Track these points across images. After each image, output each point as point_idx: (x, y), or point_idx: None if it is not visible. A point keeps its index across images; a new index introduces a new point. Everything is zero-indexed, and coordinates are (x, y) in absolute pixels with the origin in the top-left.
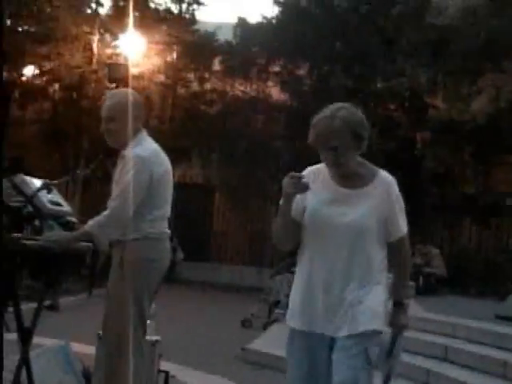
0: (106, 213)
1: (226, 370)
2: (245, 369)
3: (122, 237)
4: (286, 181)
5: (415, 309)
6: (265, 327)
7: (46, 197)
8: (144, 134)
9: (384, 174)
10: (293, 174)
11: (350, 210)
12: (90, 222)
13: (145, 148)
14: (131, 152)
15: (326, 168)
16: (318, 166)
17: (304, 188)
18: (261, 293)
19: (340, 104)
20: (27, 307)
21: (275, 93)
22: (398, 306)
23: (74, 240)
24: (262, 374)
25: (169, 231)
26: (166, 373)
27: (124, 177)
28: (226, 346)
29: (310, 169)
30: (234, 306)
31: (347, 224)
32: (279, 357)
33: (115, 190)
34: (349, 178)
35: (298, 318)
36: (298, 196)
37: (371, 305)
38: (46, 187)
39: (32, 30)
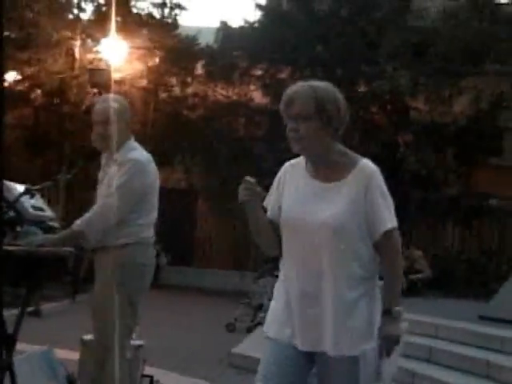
0: (94, 209)
1: (210, 374)
2: (229, 373)
3: (113, 242)
4: (240, 187)
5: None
6: (249, 331)
7: (28, 202)
8: (133, 140)
9: (365, 163)
10: (245, 179)
11: (326, 206)
12: (78, 221)
13: (140, 154)
14: (128, 156)
15: (304, 161)
16: (298, 158)
17: (257, 194)
18: (244, 297)
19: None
20: (10, 313)
21: (257, 96)
22: (387, 314)
23: (60, 241)
24: (247, 378)
25: (153, 237)
26: (151, 377)
27: (119, 179)
28: (211, 350)
29: (288, 163)
30: (217, 311)
31: (322, 222)
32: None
33: (106, 190)
34: (326, 170)
35: (274, 326)
36: (274, 195)
37: (356, 324)
38: (29, 192)
39: (13, 35)
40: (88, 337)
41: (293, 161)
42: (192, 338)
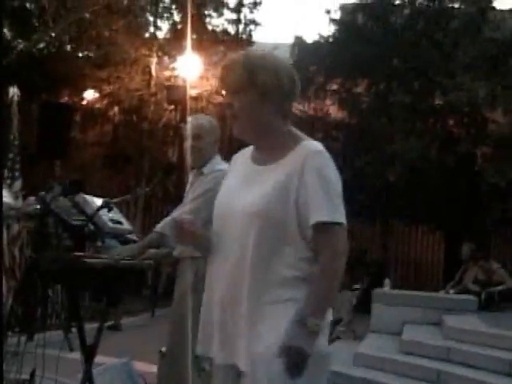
0: (175, 214)
1: None
2: None
3: (190, 252)
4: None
5: (477, 324)
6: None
7: (106, 215)
8: (218, 154)
9: (309, 144)
10: (176, 219)
11: (254, 191)
12: (160, 224)
13: (219, 166)
14: (215, 167)
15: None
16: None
17: (188, 237)
18: None
19: None
20: (91, 327)
21: (333, 111)
22: (300, 325)
23: (141, 247)
24: None
25: None
26: None
27: (203, 186)
28: None
29: (239, 152)
30: None
31: (242, 210)
32: (341, 373)
33: (191, 203)
34: (266, 151)
35: (200, 338)
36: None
37: (270, 340)
38: (107, 206)
39: (91, 54)
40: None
41: (245, 149)
42: None
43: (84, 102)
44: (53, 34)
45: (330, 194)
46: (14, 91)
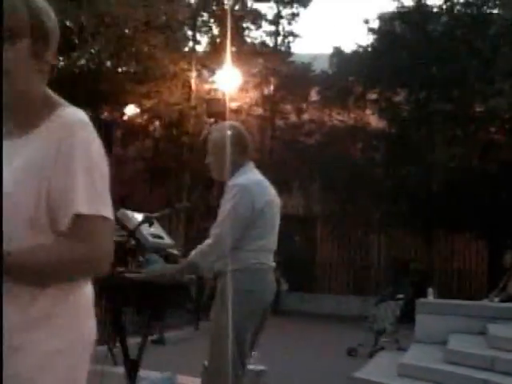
0: (207, 241)
1: None
2: None
3: (224, 267)
4: None
5: None
6: (371, 355)
7: (147, 230)
8: (250, 166)
9: (67, 112)
10: None
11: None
12: (193, 252)
13: (247, 178)
14: (234, 181)
15: None
16: None
17: None
18: (365, 322)
19: None
20: (135, 341)
21: (373, 120)
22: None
23: (178, 272)
24: None
25: (273, 263)
26: None
27: (225, 205)
28: (332, 375)
29: None
30: (338, 336)
31: None
32: None
33: (218, 219)
34: (16, 120)
35: None
36: None
37: (21, 369)
38: (148, 221)
39: (131, 69)
40: None
41: None
42: (313, 363)
43: (125, 118)
44: (93, 51)
45: (93, 178)
46: None
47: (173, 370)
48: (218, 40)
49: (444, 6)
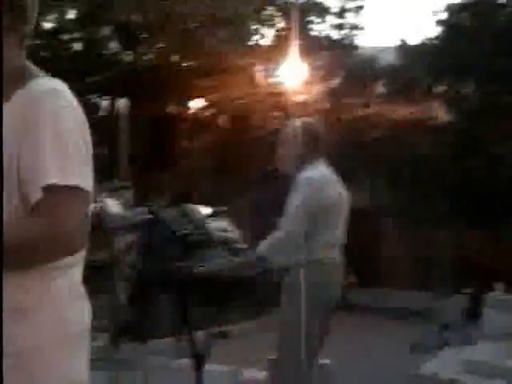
0: (276, 234)
1: None
2: None
3: (292, 261)
4: None
5: None
6: (436, 351)
7: (214, 224)
8: (320, 161)
9: (39, 82)
10: None
11: None
12: (261, 245)
13: (316, 172)
14: (304, 175)
15: None
16: None
17: None
18: (430, 316)
19: None
20: (199, 334)
21: (441, 114)
22: None
23: (244, 265)
24: None
25: (341, 257)
26: None
27: (294, 198)
28: (398, 369)
29: None
30: (403, 330)
31: None
32: (453, 379)
33: (286, 211)
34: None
35: None
36: None
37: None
38: (214, 214)
39: (196, 64)
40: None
41: None
42: (378, 357)
43: (190, 112)
44: (158, 46)
45: (63, 146)
46: (122, 104)
47: (236, 363)
48: (282, 33)
49: None
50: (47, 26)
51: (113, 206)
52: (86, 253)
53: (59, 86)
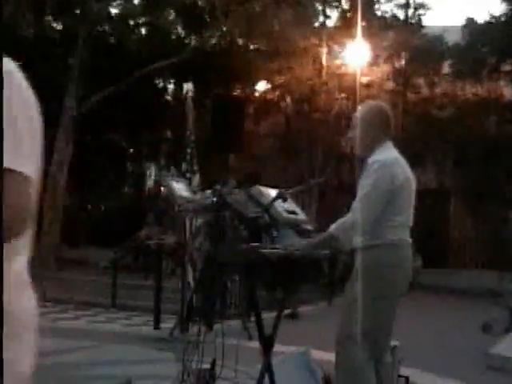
0: (349, 216)
1: (467, 375)
2: (487, 374)
3: (364, 242)
4: None
5: None
6: (506, 332)
7: (281, 206)
8: (389, 144)
9: None
10: None
11: None
12: (334, 226)
13: (387, 155)
14: (374, 158)
15: None
16: None
17: None
18: (501, 297)
19: None
20: (268, 316)
21: (508, 92)
22: None
23: (314, 246)
24: (505, 380)
25: (410, 239)
26: (406, 378)
27: (366, 181)
28: (467, 351)
29: None
30: (473, 311)
31: None
32: None
33: (358, 194)
34: None
35: None
36: None
37: None
38: (282, 197)
39: (262, 46)
40: None
41: None
42: (447, 338)
43: (256, 94)
44: (224, 29)
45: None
46: (188, 87)
47: (306, 344)
48: (348, 14)
49: None
50: (114, 11)
51: (181, 189)
52: (30, 242)
53: (8, 66)
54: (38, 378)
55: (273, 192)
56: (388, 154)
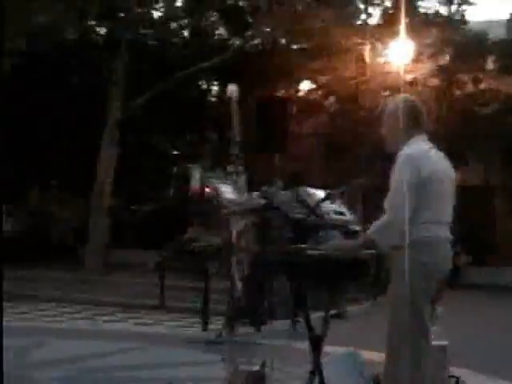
0: (383, 216)
1: None
2: None
3: (399, 241)
4: None
5: None
6: None
7: (329, 207)
8: (420, 137)
9: None
10: None
11: None
12: (371, 228)
13: (413, 148)
14: (399, 153)
15: None
16: None
17: None
18: None
19: None
20: (315, 316)
21: None
22: None
23: (356, 247)
24: None
25: (449, 236)
26: (457, 378)
27: (393, 177)
28: None
29: None
30: None
31: None
32: None
33: (389, 192)
34: None
35: None
36: None
37: None
38: (329, 197)
39: (305, 46)
40: None
41: None
42: (496, 338)
43: (300, 94)
44: (266, 30)
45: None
46: (232, 88)
47: (354, 344)
48: (390, 12)
49: None
50: (156, 15)
51: (227, 191)
52: None
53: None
54: (84, 380)
55: (320, 193)
56: (416, 147)
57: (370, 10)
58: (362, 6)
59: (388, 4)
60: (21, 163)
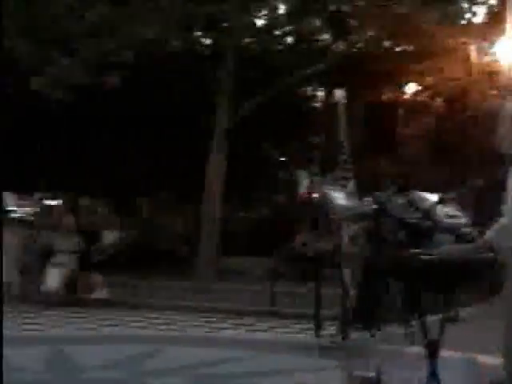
0: (500, 220)
1: None
2: None
3: None
4: None
5: None
6: None
7: (442, 211)
8: None
9: None
10: None
11: None
12: (489, 231)
13: None
14: None
15: None
16: None
17: None
18: None
19: None
20: (430, 320)
21: None
22: None
23: (471, 251)
24: None
25: None
26: None
27: (510, 181)
28: None
29: None
30: None
31: None
32: None
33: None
34: None
35: None
36: None
37: None
38: (442, 201)
39: (409, 48)
40: None
41: None
42: None
43: (406, 96)
44: (370, 33)
45: None
46: (340, 94)
47: (470, 348)
48: (495, 10)
49: None
50: (259, 23)
51: (337, 196)
52: None
53: None
54: None
55: (432, 196)
56: None
57: (475, 8)
58: (465, 5)
59: (493, 2)
60: (133, 175)
